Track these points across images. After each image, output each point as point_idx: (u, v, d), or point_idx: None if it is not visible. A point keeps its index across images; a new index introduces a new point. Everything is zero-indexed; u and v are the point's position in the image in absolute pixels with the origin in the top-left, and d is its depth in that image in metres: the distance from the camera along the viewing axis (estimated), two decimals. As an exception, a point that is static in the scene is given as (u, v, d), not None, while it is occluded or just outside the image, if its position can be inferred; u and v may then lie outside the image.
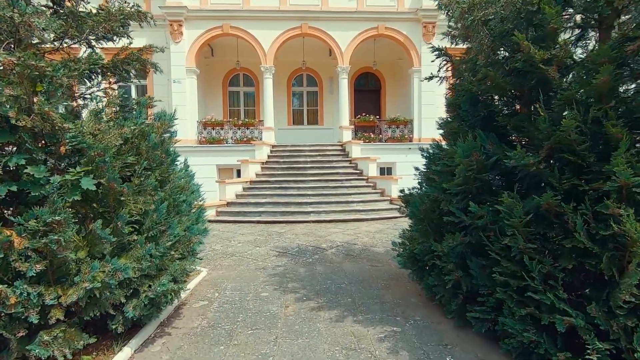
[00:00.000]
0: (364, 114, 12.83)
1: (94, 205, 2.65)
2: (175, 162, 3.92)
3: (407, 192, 4.15)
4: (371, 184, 9.98)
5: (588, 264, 2.03)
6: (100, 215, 2.68)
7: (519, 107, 2.90)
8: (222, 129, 12.25)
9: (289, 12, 11.82)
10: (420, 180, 4.13)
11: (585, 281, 2.18)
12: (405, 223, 8.49)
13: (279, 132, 13.98)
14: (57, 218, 2.16)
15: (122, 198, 2.64)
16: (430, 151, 3.76)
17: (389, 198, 9.42)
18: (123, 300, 2.60)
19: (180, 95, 11.75)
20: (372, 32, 12.24)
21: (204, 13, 11.66)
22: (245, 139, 12.06)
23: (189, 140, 11.83)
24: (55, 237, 2.11)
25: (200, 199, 4.58)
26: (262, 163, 10.77)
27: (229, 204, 9.07)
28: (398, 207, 9.15)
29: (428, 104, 12.34)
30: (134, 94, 12.51)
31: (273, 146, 11.71)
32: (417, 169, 4.16)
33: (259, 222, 8.25)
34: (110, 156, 2.62)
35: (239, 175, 11.25)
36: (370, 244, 6.15)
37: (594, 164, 2.08)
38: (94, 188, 2.52)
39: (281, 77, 14.51)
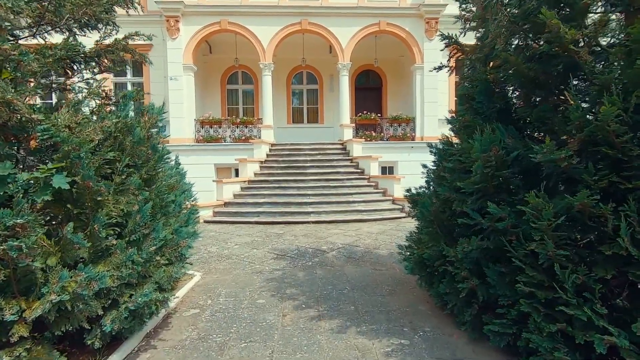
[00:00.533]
0: (365, 112, 12.55)
1: (69, 206, 2.37)
2: (165, 159, 3.63)
3: (414, 191, 3.86)
4: (373, 184, 9.70)
5: (632, 274, 1.75)
6: (75, 217, 2.40)
7: (539, 98, 2.61)
8: (220, 127, 11.97)
9: (289, 7, 11.54)
10: (427, 179, 3.85)
11: (628, 294, 1.90)
12: (408, 224, 8.22)
13: (278, 131, 13.70)
14: (19, 221, 1.88)
15: (100, 198, 2.37)
16: (440, 147, 3.48)
17: (391, 198, 9.14)
18: (100, 312, 2.33)
19: (177, 93, 11.47)
20: (374, 28, 11.96)
21: (202, 8, 11.37)
22: (243, 138, 11.78)
23: (186, 139, 11.56)
24: (16, 243, 1.84)
25: (192, 199, 4.28)
26: (261, 162, 10.49)
27: (226, 204, 8.80)
28: (400, 207, 8.89)
29: (430, 102, 12.06)
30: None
31: (272, 145, 11.44)
32: (425, 166, 3.88)
33: (257, 222, 7.98)
34: (87, 151, 2.35)
35: (237, 174, 10.98)
36: (372, 246, 5.87)
37: (637, 158, 1.80)
38: (67, 187, 2.24)
39: (280, 74, 14.23)
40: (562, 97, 2.29)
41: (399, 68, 14.54)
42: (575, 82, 2.31)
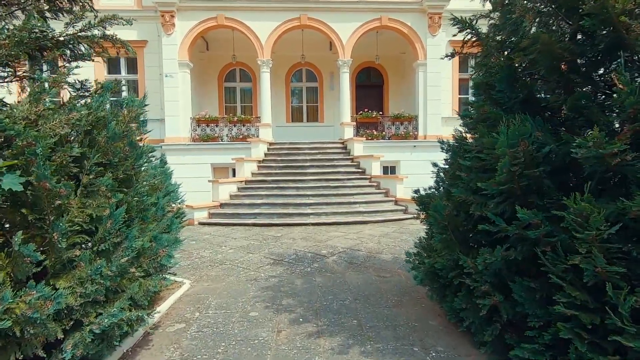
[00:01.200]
0: (366, 109, 12.19)
1: (23, 211, 2.03)
2: (147, 157, 3.28)
3: (422, 192, 3.51)
4: (374, 184, 9.35)
5: None
6: (32, 224, 2.06)
7: (573, 84, 2.26)
8: (216, 125, 11.62)
9: (288, 2, 11.18)
10: (437, 179, 3.50)
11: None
12: (412, 226, 7.88)
13: (277, 130, 13.36)
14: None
15: (60, 202, 2.02)
16: (452, 144, 3.13)
17: (393, 198, 8.79)
18: (61, 335, 1.98)
19: (173, 91, 11.12)
20: (375, 24, 11.60)
21: (198, 3, 11.02)
22: (241, 137, 11.43)
23: (181, 138, 11.22)
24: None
25: (178, 201, 3.92)
26: (259, 161, 10.14)
27: (222, 205, 8.45)
28: (403, 208, 8.53)
29: (434, 99, 11.70)
30: (124, 88, 11.89)
31: (270, 144, 11.09)
32: (435, 164, 3.53)
33: (254, 224, 7.63)
34: (44, 147, 2.00)
35: (235, 174, 10.63)
36: (375, 250, 5.52)
37: None
38: (20, 188, 1.89)
39: (279, 72, 13.89)
40: (603, 83, 1.94)
41: (400, 65, 14.19)
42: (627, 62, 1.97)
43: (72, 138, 2.43)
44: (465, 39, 3.16)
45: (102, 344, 2.14)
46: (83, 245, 2.25)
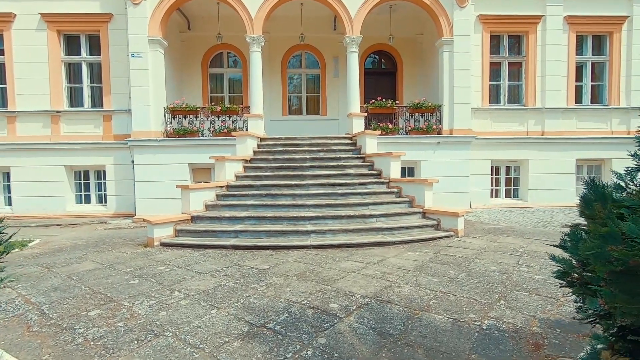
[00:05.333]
0: (379, 98, 10.09)
1: None
2: None
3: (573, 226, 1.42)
4: (395, 190, 7.25)
5: None
6: None
7: None
8: (196, 117, 9.53)
9: (283, -36, 9.14)
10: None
11: None
12: (455, 250, 5.72)
13: (272, 124, 11.30)
14: None
15: None
16: None
17: (420, 209, 6.69)
18: None
19: (141, 74, 9.03)
20: (390, -7, 9.54)
21: (172, -35, 8.97)
22: (225, 130, 9.34)
23: (152, 132, 9.12)
24: None
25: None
26: (246, 161, 8.05)
27: (193, 218, 6.35)
28: (435, 222, 6.34)
29: (462, 86, 9.61)
30: (85, 73, 9.83)
31: (261, 139, 9.00)
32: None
33: (234, 247, 5.53)
34: None
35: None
36: (417, 303, 3.41)
37: None
38: None
39: (274, 56, 11.83)
40: None
41: (417, 49, 12.13)
42: None
43: None
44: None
45: None
46: None
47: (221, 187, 7.15)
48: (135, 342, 2.74)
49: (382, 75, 12.37)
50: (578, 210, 7.43)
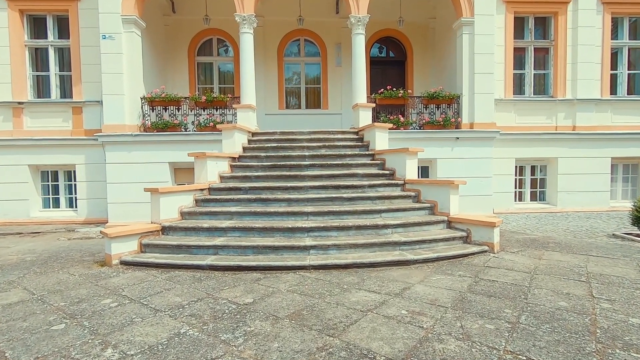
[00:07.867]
0: (389, 87, 8.84)
1: None
2: None
3: None
4: (411, 194, 6.00)
5: None
6: None
7: None
8: (178, 109, 8.30)
9: None
10: None
11: None
12: (497, 272, 4.15)
13: (267, 119, 10.08)
14: None
15: None
16: None
17: (445, 218, 5.45)
18: None
19: (114, 59, 7.81)
20: (402, -34, 8.33)
21: None
22: (212, 124, 8.11)
23: (126, 126, 7.89)
24: None
25: None
26: (233, 159, 6.82)
27: (165, 229, 5.11)
28: (465, 233, 4.87)
29: (484, 73, 8.38)
30: (52, 59, 8.60)
31: (253, 133, 7.77)
32: None
33: (211, 267, 4.30)
34: None
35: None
36: (477, 376, 2.16)
37: None
38: None
39: (270, 43, 10.61)
40: None
41: (429, 34, 10.91)
42: None
43: None
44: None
45: None
46: None
47: (202, 190, 5.92)
48: None
49: (389, 65, 11.14)
50: (631, 216, 5.65)
